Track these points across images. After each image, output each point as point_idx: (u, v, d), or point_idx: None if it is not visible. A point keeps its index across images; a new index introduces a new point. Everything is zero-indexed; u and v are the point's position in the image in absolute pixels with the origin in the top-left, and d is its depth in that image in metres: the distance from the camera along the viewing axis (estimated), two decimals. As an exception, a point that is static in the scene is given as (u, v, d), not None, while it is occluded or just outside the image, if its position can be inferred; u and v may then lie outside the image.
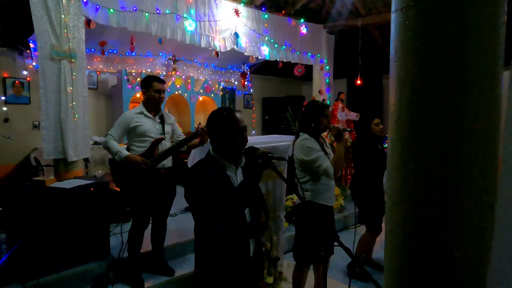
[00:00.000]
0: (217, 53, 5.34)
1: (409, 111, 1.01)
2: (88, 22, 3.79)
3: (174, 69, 6.83)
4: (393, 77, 1.07)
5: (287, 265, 3.20)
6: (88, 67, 5.72)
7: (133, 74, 6.27)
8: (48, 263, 2.73)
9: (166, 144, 2.93)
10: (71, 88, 3.57)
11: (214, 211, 1.51)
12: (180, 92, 6.88)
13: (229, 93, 8.18)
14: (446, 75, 0.94)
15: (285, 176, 2.84)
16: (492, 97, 0.94)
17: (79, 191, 2.94)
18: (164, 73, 6.89)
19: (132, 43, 5.02)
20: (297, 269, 2.60)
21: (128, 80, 6.12)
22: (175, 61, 6.88)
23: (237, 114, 1.68)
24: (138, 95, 6.22)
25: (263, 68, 8.70)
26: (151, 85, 2.87)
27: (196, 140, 2.86)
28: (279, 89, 9.68)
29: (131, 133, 2.87)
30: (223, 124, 1.62)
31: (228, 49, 5.32)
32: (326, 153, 2.50)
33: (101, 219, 3.09)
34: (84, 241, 2.93)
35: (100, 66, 6.39)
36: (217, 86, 7.54)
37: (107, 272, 2.91)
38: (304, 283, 2.62)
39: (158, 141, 2.87)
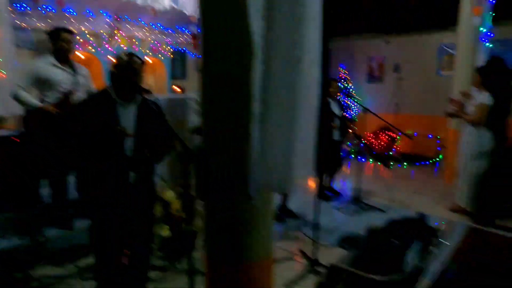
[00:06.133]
0: (154, 11, 5.29)
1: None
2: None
3: (118, 29, 6.69)
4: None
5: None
6: (23, 24, 5.54)
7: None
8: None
9: (79, 96, 2.97)
10: (-6, 44, 3.56)
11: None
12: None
13: (179, 55, 8.11)
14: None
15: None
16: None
17: (5, 141, 3.07)
18: (109, 32, 6.73)
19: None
20: None
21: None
22: (118, 20, 6.72)
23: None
24: (77, 53, 6.09)
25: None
26: (59, 35, 2.92)
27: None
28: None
29: (44, 84, 2.90)
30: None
31: (168, 8, 5.28)
32: None
33: (29, 169, 3.23)
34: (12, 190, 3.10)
35: (37, 25, 6.14)
36: (165, 47, 7.46)
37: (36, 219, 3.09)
38: None
39: (70, 92, 2.91)
